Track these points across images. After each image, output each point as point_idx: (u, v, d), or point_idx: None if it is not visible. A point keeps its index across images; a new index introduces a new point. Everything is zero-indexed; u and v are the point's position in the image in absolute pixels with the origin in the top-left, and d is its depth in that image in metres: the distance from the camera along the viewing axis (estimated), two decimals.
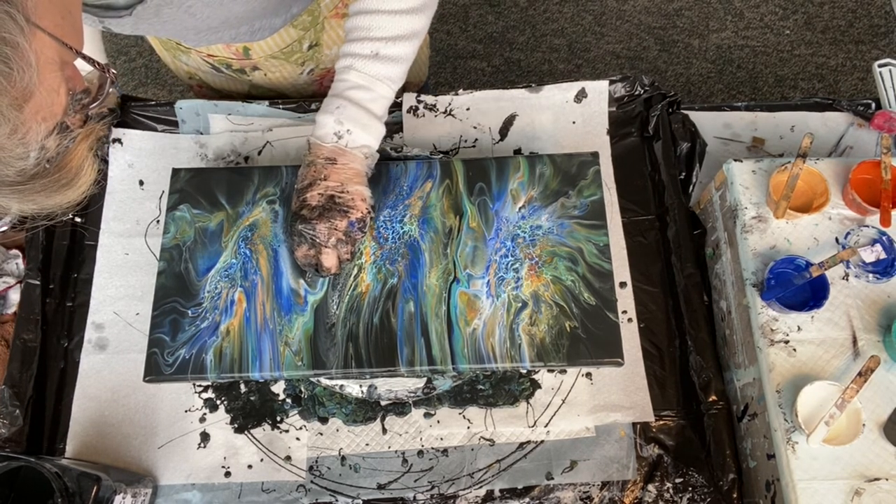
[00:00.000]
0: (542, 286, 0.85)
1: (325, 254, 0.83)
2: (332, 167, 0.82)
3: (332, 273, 0.85)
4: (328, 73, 1.10)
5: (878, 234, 0.87)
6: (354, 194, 0.83)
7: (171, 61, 1.12)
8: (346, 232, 0.83)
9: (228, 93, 1.16)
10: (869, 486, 0.77)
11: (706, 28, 2.21)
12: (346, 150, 0.82)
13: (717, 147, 1.11)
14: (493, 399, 0.93)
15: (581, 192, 0.91)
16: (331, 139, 0.82)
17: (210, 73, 1.10)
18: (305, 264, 0.85)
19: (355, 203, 0.83)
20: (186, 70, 1.12)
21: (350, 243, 0.84)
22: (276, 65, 1.05)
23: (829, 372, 0.83)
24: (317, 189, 0.82)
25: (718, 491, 0.88)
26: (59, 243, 1.01)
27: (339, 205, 0.82)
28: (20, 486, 0.83)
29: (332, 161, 0.82)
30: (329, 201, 0.82)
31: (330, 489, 0.90)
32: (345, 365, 0.83)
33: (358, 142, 0.82)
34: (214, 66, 1.06)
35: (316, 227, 0.82)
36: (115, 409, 0.93)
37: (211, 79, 1.13)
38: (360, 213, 0.83)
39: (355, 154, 0.83)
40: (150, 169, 1.06)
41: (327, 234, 0.82)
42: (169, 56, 1.10)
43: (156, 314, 0.86)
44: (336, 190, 0.82)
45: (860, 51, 2.17)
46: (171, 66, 1.14)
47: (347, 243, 0.84)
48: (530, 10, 2.24)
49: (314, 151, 0.83)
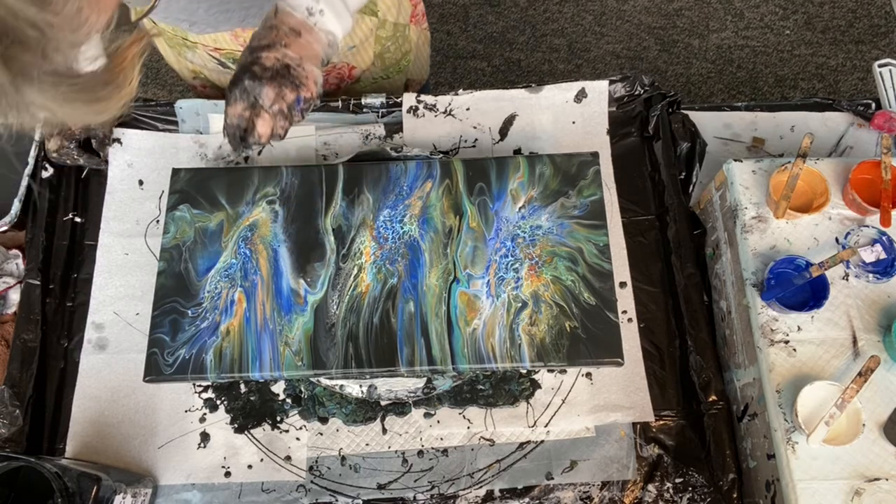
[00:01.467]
0: (542, 286, 0.85)
1: (262, 119, 0.78)
2: (296, 39, 0.79)
3: (261, 143, 0.80)
4: (333, 69, 1.10)
5: (878, 234, 0.87)
6: (310, 73, 0.78)
7: (176, 60, 1.11)
8: (290, 106, 0.78)
9: None
10: (869, 486, 0.77)
11: (706, 28, 2.21)
12: (313, 28, 0.79)
13: (717, 147, 1.11)
14: (493, 399, 0.93)
15: (581, 192, 0.91)
16: (302, 11, 0.78)
17: (215, 69, 1.09)
18: (233, 126, 0.79)
19: (308, 82, 0.78)
20: (191, 69, 1.11)
21: (289, 120, 0.79)
22: None
23: (829, 372, 0.83)
24: (274, 52, 0.77)
25: (718, 491, 0.88)
26: (59, 243, 1.01)
27: (294, 77, 0.78)
28: (20, 486, 0.83)
29: (296, 33, 0.79)
30: (284, 69, 0.77)
31: (330, 489, 0.90)
32: (345, 365, 0.83)
33: (327, 26, 0.80)
34: (221, 62, 1.06)
35: (264, 87, 0.77)
36: (115, 409, 0.93)
37: (216, 76, 1.12)
38: (311, 93, 0.79)
39: (320, 36, 0.80)
40: (150, 169, 1.06)
41: (273, 100, 0.77)
42: (173, 54, 1.10)
43: (156, 314, 0.86)
44: (294, 62, 0.77)
45: (860, 51, 2.17)
46: (174, 65, 1.13)
47: (287, 119, 0.79)
48: (530, 10, 2.24)
49: (280, 17, 0.78)
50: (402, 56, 1.15)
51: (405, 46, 1.15)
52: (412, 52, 1.17)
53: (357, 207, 0.91)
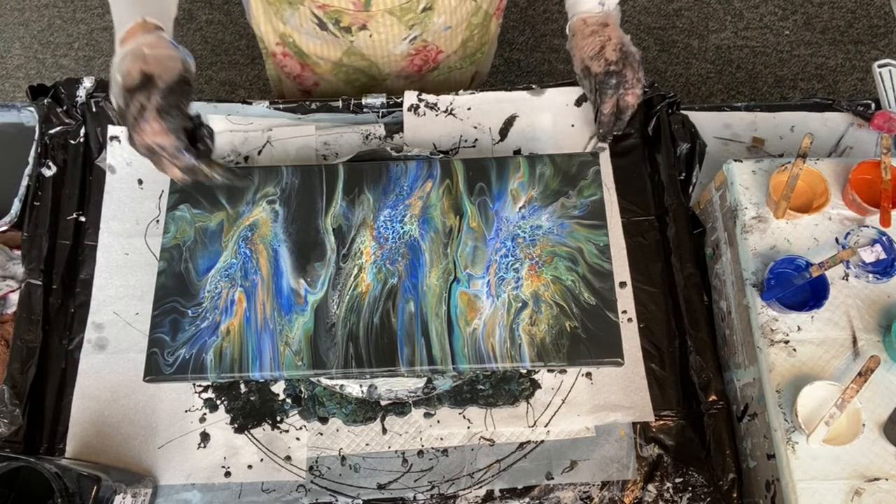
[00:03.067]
0: (543, 286, 0.86)
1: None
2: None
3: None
4: (425, 49, 1.12)
5: (878, 234, 0.87)
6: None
7: (265, 20, 1.08)
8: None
9: (316, 60, 1.13)
10: (869, 486, 0.77)
11: (706, 28, 2.21)
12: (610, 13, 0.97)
13: (717, 147, 1.11)
14: (493, 399, 0.93)
15: (581, 192, 0.91)
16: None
17: (310, 32, 1.07)
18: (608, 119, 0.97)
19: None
20: (281, 31, 1.09)
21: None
22: (387, 24, 1.05)
23: (829, 372, 0.83)
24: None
25: (718, 491, 0.88)
26: (61, 243, 1.01)
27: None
28: (20, 486, 0.83)
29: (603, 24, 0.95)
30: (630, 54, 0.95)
31: (330, 489, 0.90)
32: (345, 365, 0.83)
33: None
34: (321, 22, 1.04)
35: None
36: (115, 409, 0.93)
37: (305, 42, 1.10)
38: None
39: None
40: (150, 168, 1.05)
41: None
42: (265, 12, 1.06)
43: (156, 314, 0.85)
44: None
45: (860, 51, 2.17)
46: (261, 25, 1.10)
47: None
48: (530, 11, 2.24)
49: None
50: (480, 46, 1.19)
51: (485, 37, 1.19)
52: (488, 45, 1.22)
53: (357, 207, 0.91)
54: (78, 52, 2.20)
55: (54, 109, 1.05)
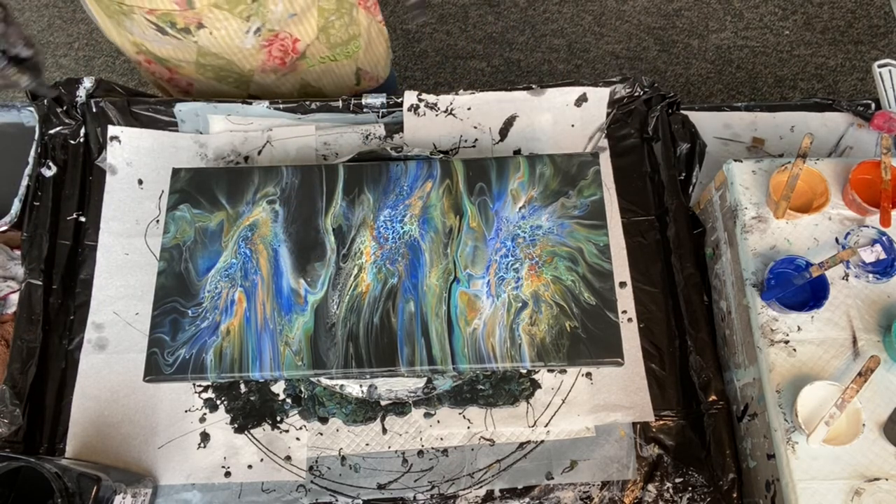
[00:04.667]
0: (543, 286, 0.86)
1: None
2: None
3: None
4: (276, 39, 1.08)
5: (878, 234, 0.87)
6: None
7: (116, 33, 1.08)
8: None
9: (177, 63, 1.12)
10: (869, 486, 0.77)
11: (706, 28, 2.21)
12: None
13: (717, 147, 1.11)
14: (493, 399, 0.93)
15: (581, 192, 0.91)
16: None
17: (156, 39, 1.05)
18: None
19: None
20: (132, 41, 1.08)
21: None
22: (220, 18, 1.01)
23: (829, 372, 0.83)
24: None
25: (718, 491, 0.88)
26: (61, 243, 1.01)
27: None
28: (20, 486, 0.83)
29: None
30: None
31: (330, 489, 0.90)
32: (345, 365, 0.83)
33: None
34: (159, 28, 1.02)
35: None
36: (115, 409, 0.93)
37: (157, 48, 1.08)
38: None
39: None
40: (150, 168, 1.06)
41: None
42: (113, 26, 1.06)
43: (156, 314, 0.85)
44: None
45: (860, 51, 2.17)
46: (116, 39, 1.10)
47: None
48: (530, 11, 2.24)
49: None
50: (349, 38, 1.13)
51: (353, 28, 1.13)
52: (362, 38, 1.16)
53: (357, 207, 0.91)
54: (78, 52, 2.20)
55: (54, 109, 1.05)
